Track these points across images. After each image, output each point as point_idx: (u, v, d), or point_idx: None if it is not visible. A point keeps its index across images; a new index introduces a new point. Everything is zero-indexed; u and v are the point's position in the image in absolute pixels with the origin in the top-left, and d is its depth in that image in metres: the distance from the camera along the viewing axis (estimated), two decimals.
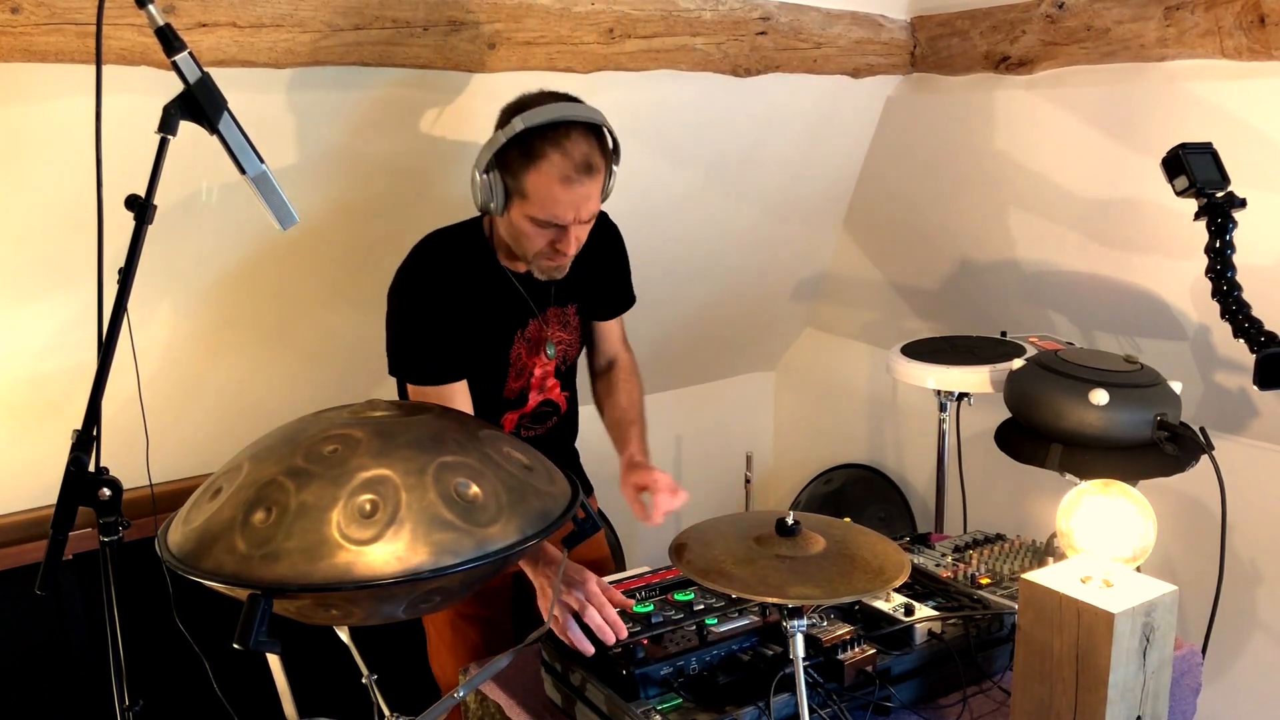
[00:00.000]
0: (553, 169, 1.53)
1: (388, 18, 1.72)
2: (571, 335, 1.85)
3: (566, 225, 1.59)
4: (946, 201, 2.65)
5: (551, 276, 1.70)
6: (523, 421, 1.83)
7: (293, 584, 1.00)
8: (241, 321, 2.14)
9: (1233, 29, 1.86)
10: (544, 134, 1.52)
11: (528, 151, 1.53)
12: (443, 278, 1.68)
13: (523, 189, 1.56)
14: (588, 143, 1.55)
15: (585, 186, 1.56)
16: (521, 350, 1.76)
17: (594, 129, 1.57)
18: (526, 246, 1.63)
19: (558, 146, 1.53)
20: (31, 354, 1.90)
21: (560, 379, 1.85)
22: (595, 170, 1.56)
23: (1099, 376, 1.70)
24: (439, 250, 1.71)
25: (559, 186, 1.54)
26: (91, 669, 2.19)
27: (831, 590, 1.22)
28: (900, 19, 2.46)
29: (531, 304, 1.75)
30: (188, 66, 1.21)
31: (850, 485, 3.30)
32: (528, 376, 1.79)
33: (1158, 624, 1.26)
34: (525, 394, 1.80)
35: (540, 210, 1.56)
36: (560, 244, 1.61)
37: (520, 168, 1.55)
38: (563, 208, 1.56)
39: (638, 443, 1.81)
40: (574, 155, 1.53)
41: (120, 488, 1.21)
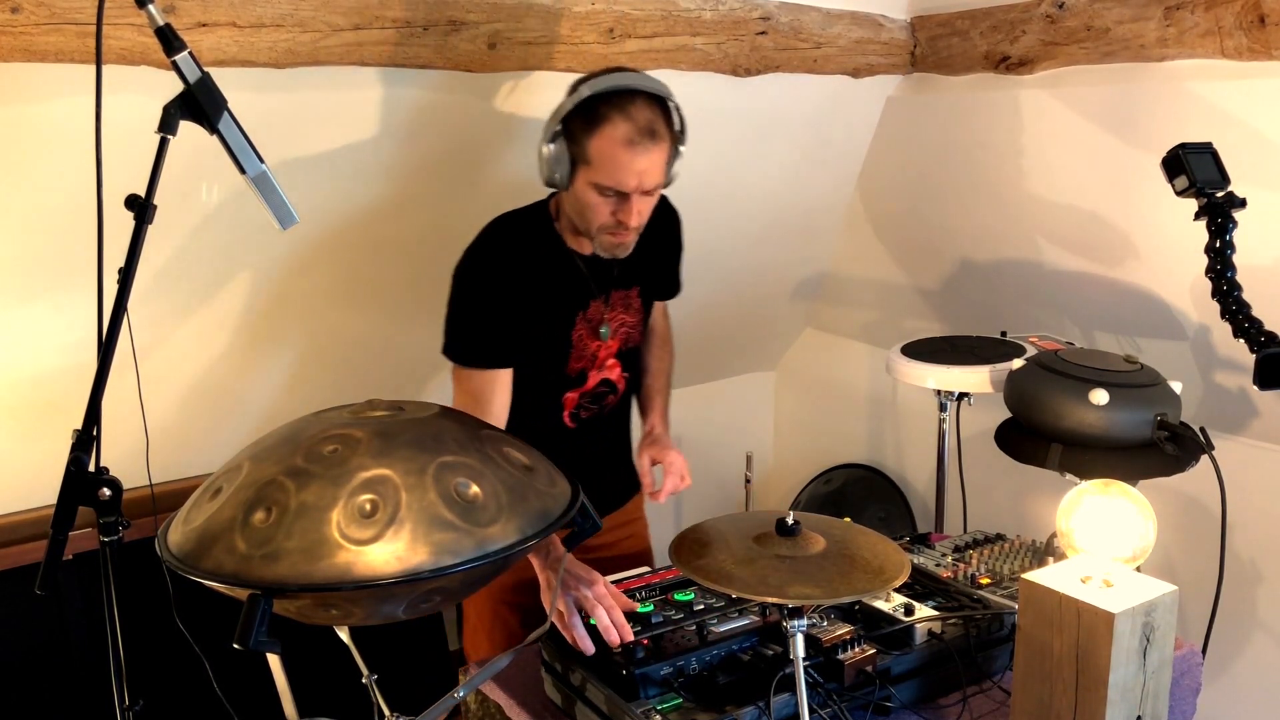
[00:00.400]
0: (616, 131, 1.54)
1: (388, 18, 1.72)
2: (633, 317, 1.85)
3: (629, 193, 1.59)
4: (946, 201, 2.65)
5: (614, 254, 1.70)
6: (582, 401, 1.84)
7: (293, 584, 1.00)
8: (241, 321, 2.14)
9: (1233, 29, 1.86)
10: (608, 99, 1.55)
11: (592, 116, 1.55)
12: (508, 260, 1.70)
13: (587, 154, 1.57)
14: (652, 110, 1.57)
15: (649, 153, 1.57)
16: (583, 331, 1.78)
17: (660, 102, 1.59)
18: (590, 218, 1.64)
19: (621, 110, 1.54)
20: (32, 354, 1.90)
21: (621, 359, 1.86)
22: (659, 137, 1.57)
23: (1099, 376, 1.70)
24: (505, 232, 1.73)
25: (622, 149, 1.55)
26: (91, 669, 2.18)
27: (831, 590, 1.22)
28: (900, 19, 2.46)
29: (593, 285, 1.76)
30: (188, 66, 1.21)
31: (850, 485, 3.30)
32: (589, 357, 1.80)
33: (1158, 624, 1.26)
34: (585, 373, 1.81)
35: (604, 175, 1.57)
36: (622, 214, 1.61)
37: (584, 133, 1.56)
38: (626, 172, 1.57)
39: (660, 414, 1.90)
40: (638, 119, 1.55)
41: (120, 488, 1.21)
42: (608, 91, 1.55)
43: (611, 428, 1.93)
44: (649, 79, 1.59)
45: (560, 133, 1.59)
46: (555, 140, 1.59)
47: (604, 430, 1.91)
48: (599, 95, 1.55)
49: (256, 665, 1.17)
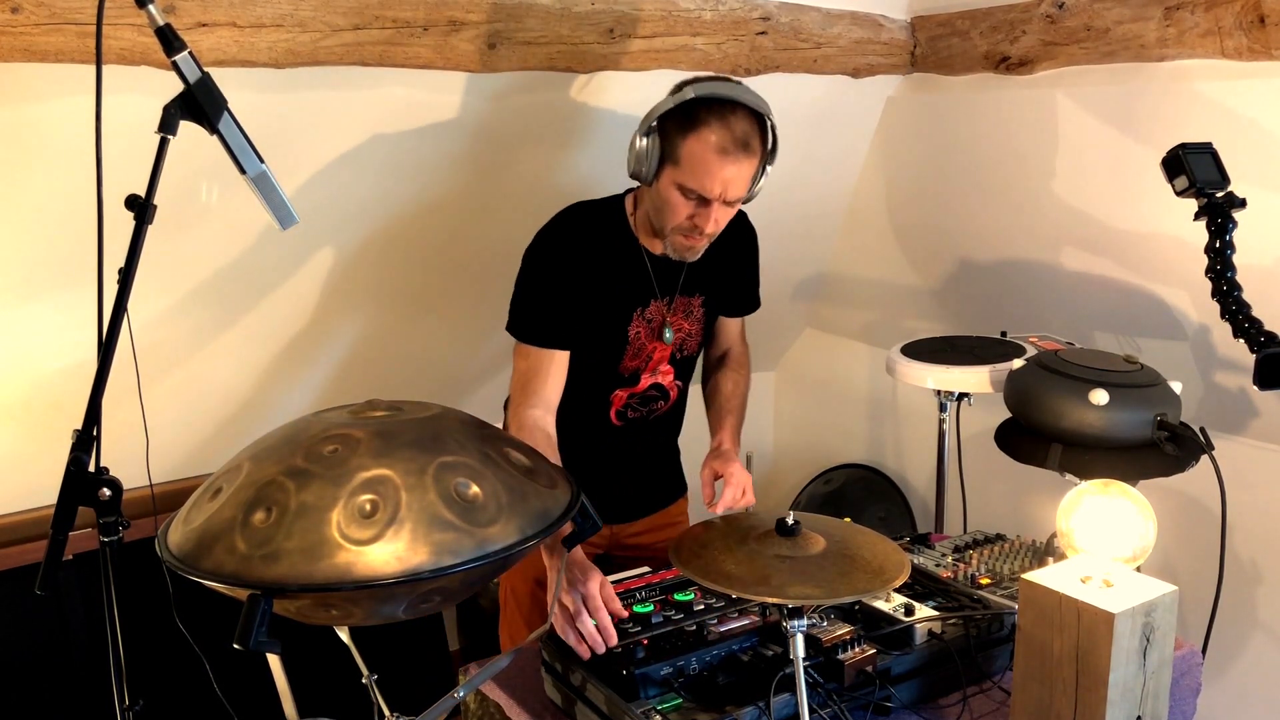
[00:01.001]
0: (711, 136, 1.55)
1: (388, 18, 1.72)
2: (693, 326, 1.86)
3: (711, 200, 1.60)
4: (946, 201, 2.65)
5: (684, 257, 1.71)
6: (630, 401, 1.84)
7: (293, 584, 1.00)
8: (241, 321, 2.14)
9: (1233, 29, 1.86)
10: (710, 105, 1.56)
11: (691, 118, 1.56)
12: (577, 244, 1.72)
13: (677, 154, 1.58)
14: (750, 124, 1.58)
15: (739, 164, 1.57)
16: (641, 329, 1.78)
17: (759, 118, 1.60)
18: (668, 217, 1.65)
19: (721, 118, 1.55)
20: (32, 354, 1.90)
21: (674, 366, 1.86)
22: (751, 151, 1.58)
23: (1099, 376, 1.70)
24: (579, 217, 1.75)
25: (714, 155, 1.56)
26: (91, 669, 2.19)
27: (831, 590, 1.22)
28: (900, 19, 2.46)
29: (657, 286, 1.77)
30: (188, 66, 1.21)
31: (850, 485, 3.30)
32: (644, 357, 1.81)
33: (1158, 624, 1.26)
34: (638, 374, 1.82)
35: (690, 178, 1.58)
36: (700, 219, 1.63)
37: (680, 133, 1.57)
38: (713, 179, 1.57)
39: (730, 433, 1.87)
40: (735, 130, 1.56)
41: (120, 488, 1.21)
42: (710, 97, 1.56)
43: (658, 433, 1.94)
44: (752, 93, 1.59)
45: (655, 129, 1.59)
46: (649, 135, 1.60)
47: (649, 434, 1.91)
48: (701, 99, 1.56)
49: (256, 665, 1.17)
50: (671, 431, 2.00)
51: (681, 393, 1.93)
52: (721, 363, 1.99)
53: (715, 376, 1.98)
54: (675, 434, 2.02)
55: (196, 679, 1.43)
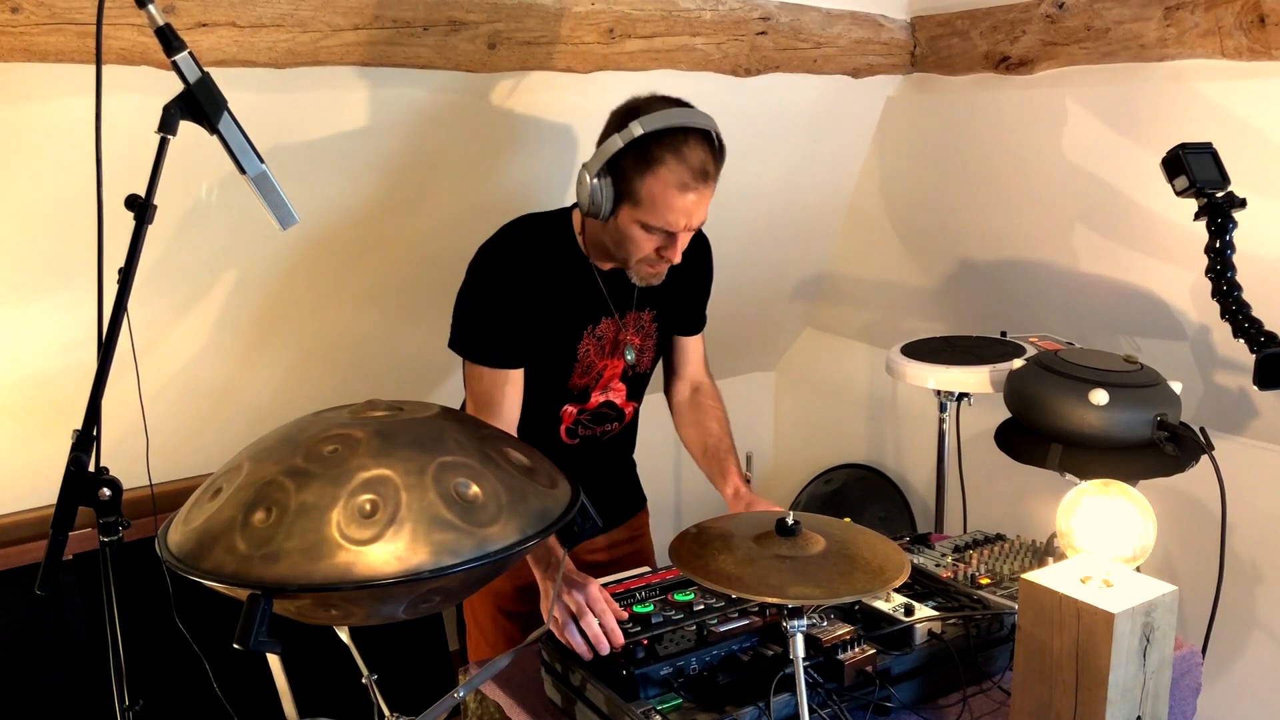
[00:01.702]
0: (670, 175, 1.52)
1: (388, 18, 1.72)
2: (645, 342, 1.83)
3: (676, 232, 1.58)
4: (946, 201, 2.65)
5: (649, 283, 1.69)
6: (581, 418, 1.81)
7: (293, 584, 1.00)
8: (242, 321, 2.14)
9: (1233, 29, 1.86)
10: (660, 140, 1.52)
11: (644, 157, 1.52)
12: (522, 261, 1.68)
13: (636, 194, 1.55)
14: (704, 150, 1.54)
15: (700, 194, 1.55)
16: (590, 346, 1.75)
17: (708, 137, 1.56)
18: (631, 251, 1.62)
19: (676, 153, 1.52)
20: (32, 354, 1.90)
21: (626, 384, 1.83)
22: (710, 178, 1.56)
23: (1099, 376, 1.70)
24: (525, 234, 1.71)
25: (675, 193, 1.53)
26: (91, 669, 2.19)
27: (831, 590, 1.22)
28: (900, 19, 2.46)
29: (610, 304, 1.74)
30: (188, 66, 1.21)
31: (850, 485, 3.30)
32: (594, 375, 1.78)
33: (1158, 624, 1.26)
34: (588, 391, 1.79)
35: (653, 216, 1.55)
36: (667, 251, 1.61)
37: (636, 173, 1.54)
38: (676, 214, 1.55)
39: (736, 474, 1.80)
40: (692, 162, 1.52)
41: (120, 488, 1.21)
42: (659, 131, 1.52)
43: (611, 450, 1.91)
44: (697, 113, 1.56)
45: (606, 169, 1.55)
46: (600, 176, 1.55)
47: (603, 451, 1.89)
48: (651, 135, 1.51)
49: (256, 665, 1.17)
50: (625, 449, 1.97)
51: (635, 412, 1.89)
52: (696, 401, 1.93)
53: (696, 418, 1.91)
54: (629, 450, 1.99)
55: (196, 679, 1.42)
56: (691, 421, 1.93)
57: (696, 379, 1.96)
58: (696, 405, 1.93)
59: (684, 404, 1.95)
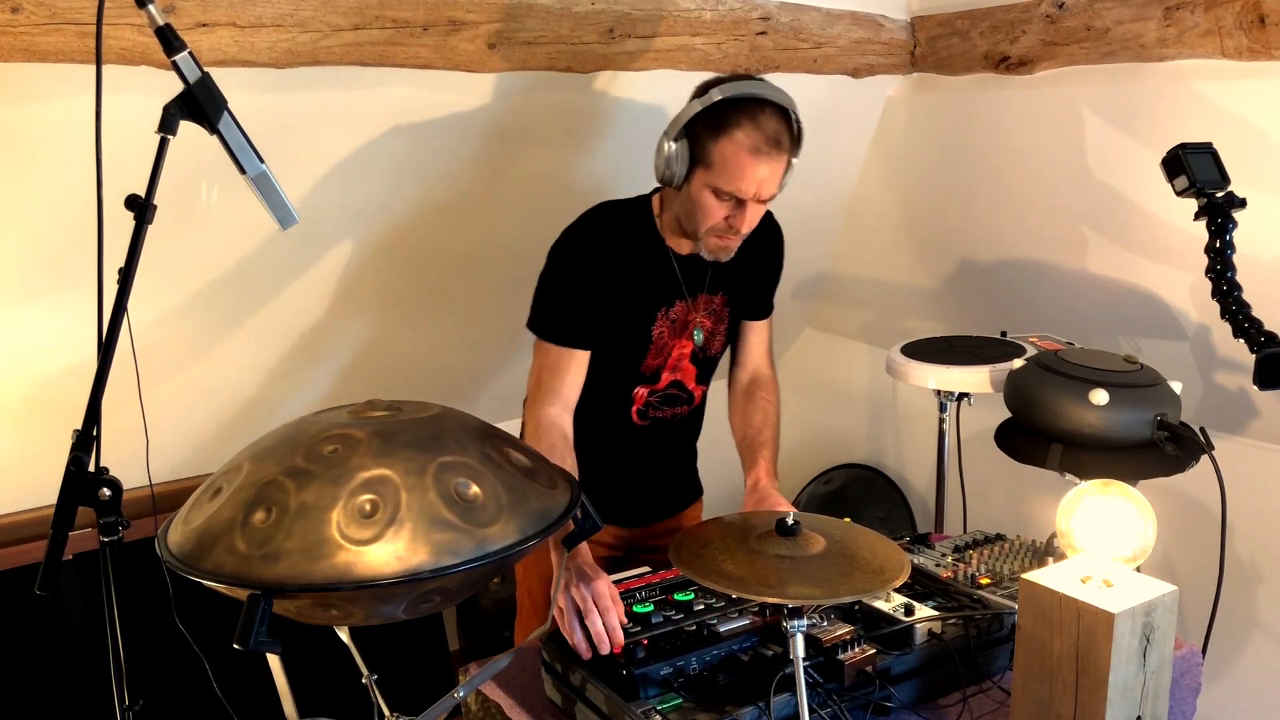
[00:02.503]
0: (744, 138, 1.55)
1: (388, 18, 1.72)
2: (715, 325, 1.85)
3: (746, 200, 1.60)
4: (946, 201, 2.65)
5: (718, 257, 1.70)
6: (651, 399, 1.83)
7: (293, 584, 1.00)
8: (242, 321, 2.14)
9: (1233, 29, 1.86)
10: (739, 105, 1.56)
11: (721, 120, 1.56)
12: (602, 243, 1.71)
13: (709, 157, 1.58)
14: (779, 122, 1.58)
15: (771, 162, 1.58)
16: (664, 329, 1.78)
17: (785, 113, 1.59)
18: (701, 219, 1.64)
19: (751, 118, 1.55)
20: (32, 354, 1.90)
21: (696, 365, 1.85)
22: (782, 148, 1.59)
23: (1099, 376, 1.70)
24: (606, 217, 1.75)
25: (747, 156, 1.56)
26: (91, 669, 2.19)
27: (831, 590, 1.22)
28: (900, 19, 2.46)
29: (684, 286, 1.77)
30: (188, 66, 1.21)
31: (850, 485, 3.30)
32: (666, 355, 1.80)
33: (1158, 624, 1.26)
34: (659, 372, 1.82)
35: (724, 180, 1.58)
36: (735, 219, 1.63)
37: (711, 136, 1.57)
38: (747, 180, 1.58)
39: (766, 466, 1.80)
40: (766, 129, 1.56)
41: (120, 488, 1.21)
42: (738, 98, 1.56)
43: (679, 434, 1.93)
44: (777, 89, 1.60)
45: (684, 133, 1.59)
46: (678, 140, 1.59)
47: (671, 435, 1.91)
48: (729, 100, 1.55)
49: (256, 665, 1.17)
50: (691, 434, 1.99)
51: (703, 396, 1.91)
52: (751, 390, 1.92)
53: (743, 407, 1.91)
54: (695, 437, 2.01)
55: (196, 679, 1.43)
56: (740, 411, 1.92)
57: (757, 369, 1.94)
58: (750, 396, 1.92)
59: (740, 393, 1.94)
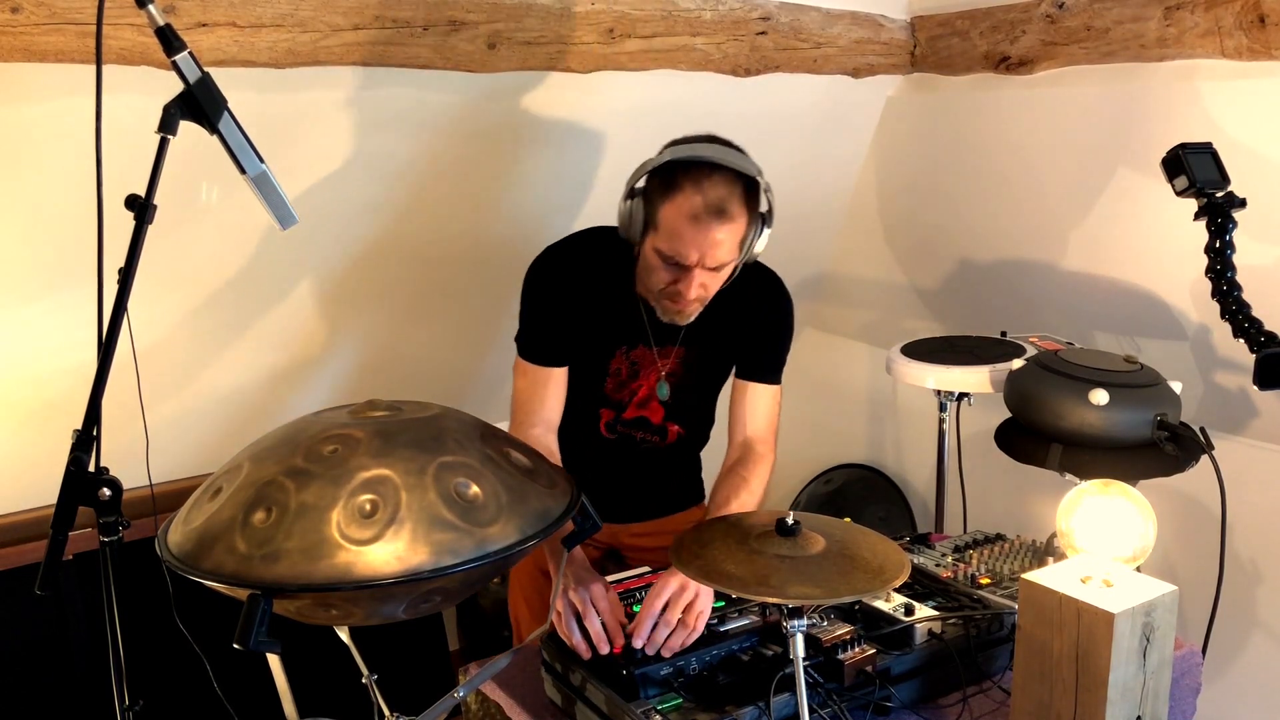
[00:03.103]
0: (685, 203, 1.51)
1: (388, 18, 1.72)
2: (686, 377, 1.78)
3: (690, 266, 1.54)
4: (947, 201, 2.65)
5: (673, 320, 1.66)
6: (618, 422, 1.81)
7: (293, 584, 1.00)
8: (242, 321, 2.14)
9: (1233, 29, 1.86)
10: (686, 168, 1.52)
11: (667, 183, 1.53)
12: (572, 270, 1.70)
13: (656, 219, 1.55)
14: (729, 188, 1.52)
15: (714, 230, 1.51)
16: (623, 366, 1.75)
17: (744, 180, 1.54)
18: (651, 281, 1.62)
19: (695, 183, 1.51)
20: (31, 354, 1.90)
21: (665, 408, 1.80)
22: (728, 216, 1.51)
23: (1099, 376, 1.70)
24: (587, 245, 1.72)
25: (687, 222, 1.51)
26: (91, 669, 2.19)
27: (831, 590, 1.21)
28: (900, 19, 2.46)
29: (651, 335, 1.73)
30: (188, 66, 1.21)
31: (850, 485, 3.30)
32: (629, 392, 1.78)
33: (1158, 624, 1.26)
34: (623, 404, 1.79)
35: (666, 244, 1.54)
36: (682, 284, 1.57)
37: (657, 198, 1.54)
38: (687, 245, 1.52)
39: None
40: (709, 195, 1.50)
41: (120, 488, 1.21)
42: (685, 160, 1.52)
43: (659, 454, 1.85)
44: (737, 155, 1.55)
45: (639, 191, 1.57)
46: (632, 198, 1.57)
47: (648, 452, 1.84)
48: (678, 163, 1.52)
49: (256, 665, 1.17)
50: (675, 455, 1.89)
51: (684, 437, 1.84)
52: (732, 466, 1.76)
53: (721, 482, 1.76)
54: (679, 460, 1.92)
55: (196, 679, 1.43)
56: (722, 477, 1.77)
57: (750, 439, 1.78)
58: (730, 470, 1.76)
59: (725, 471, 1.78)
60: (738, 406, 1.81)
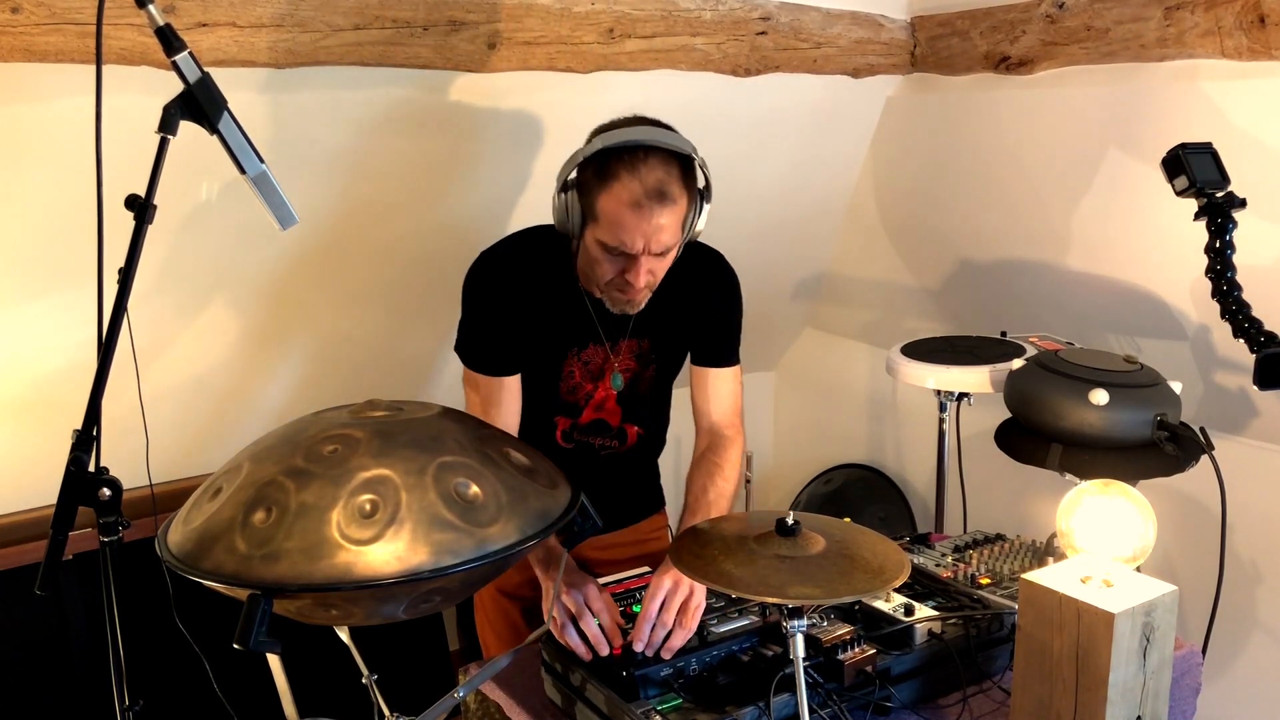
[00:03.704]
0: (623, 191, 1.46)
1: (388, 18, 1.72)
2: (641, 369, 1.76)
3: (636, 254, 1.51)
4: (947, 201, 2.65)
5: (624, 310, 1.62)
6: (575, 429, 1.77)
7: (293, 584, 1.00)
8: (242, 322, 2.14)
9: (1233, 29, 1.86)
10: (620, 155, 1.46)
11: (602, 172, 1.48)
12: (511, 275, 1.65)
13: (595, 210, 1.50)
14: (665, 169, 1.48)
15: (657, 215, 1.47)
16: (576, 369, 1.71)
17: (679, 158, 1.50)
18: (598, 274, 1.57)
19: (631, 169, 1.46)
20: (31, 354, 1.90)
21: (622, 406, 1.77)
22: (669, 199, 1.47)
23: (1099, 376, 1.70)
24: (520, 248, 1.67)
25: (628, 210, 1.46)
26: (91, 669, 2.18)
27: (831, 590, 1.21)
28: (900, 19, 2.46)
29: (600, 331, 1.69)
30: (188, 66, 1.21)
31: (850, 485, 3.30)
32: (584, 395, 1.74)
33: (1158, 624, 1.26)
34: (578, 408, 1.76)
35: (609, 235, 1.50)
36: (630, 274, 1.53)
37: (594, 188, 1.49)
38: (630, 233, 1.48)
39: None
40: (647, 180, 1.46)
41: (120, 488, 1.21)
42: (618, 147, 1.46)
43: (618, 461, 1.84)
44: (668, 134, 1.50)
45: (572, 183, 1.52)
46: (567, 190, 1.52)
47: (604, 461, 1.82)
48: (611, 149, 1.46)
49: (256, 665, 1.17)
50: (631, 465, 1.87)
51: (643, 438, 1.82)
52: (702, 455, 1.76)
53: (693, 469, 1.76)
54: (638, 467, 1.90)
55: (196, 679, 1.43)
56: (693, 468, 1.77)
57: (716, 425, 1.78)
58: (700, 459, 1.76)
59: (698, 450, 1.78)
60: (700, 394, 1.79)
